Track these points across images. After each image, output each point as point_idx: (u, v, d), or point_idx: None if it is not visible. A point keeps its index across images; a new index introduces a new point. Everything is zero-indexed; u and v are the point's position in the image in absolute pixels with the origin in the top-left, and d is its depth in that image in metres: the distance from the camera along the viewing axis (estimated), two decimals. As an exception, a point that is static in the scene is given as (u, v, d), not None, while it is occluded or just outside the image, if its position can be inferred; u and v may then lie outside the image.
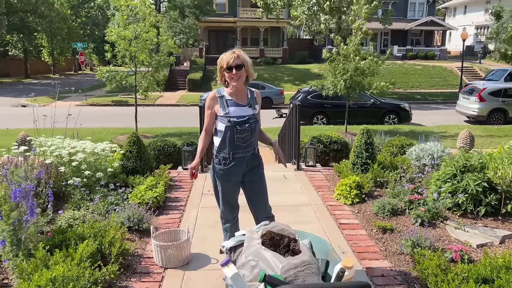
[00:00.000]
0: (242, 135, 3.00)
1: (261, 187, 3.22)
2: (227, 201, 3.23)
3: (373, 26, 27.62)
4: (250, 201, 3.25)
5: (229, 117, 2.98)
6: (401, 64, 30.59)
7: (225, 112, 2.99)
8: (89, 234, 3.28)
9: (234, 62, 2.92)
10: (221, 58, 3.00)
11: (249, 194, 3.23)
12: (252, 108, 3.06)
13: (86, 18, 47.10)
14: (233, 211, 3.29)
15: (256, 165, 3.16)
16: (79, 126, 9.14)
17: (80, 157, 4.57)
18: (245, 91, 3.09)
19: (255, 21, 33.69)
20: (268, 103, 20.06)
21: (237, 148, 3.03)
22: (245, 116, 3.01)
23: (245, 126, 2.99)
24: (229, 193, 3.19)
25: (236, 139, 3.00)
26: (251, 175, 3.15)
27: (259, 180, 3.20)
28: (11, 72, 39.20)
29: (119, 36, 11.11)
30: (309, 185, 5.62)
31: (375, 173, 5.27)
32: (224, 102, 3.01)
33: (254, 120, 3.05)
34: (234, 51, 2.98)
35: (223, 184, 3.14)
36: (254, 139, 3.09)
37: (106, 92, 15.06)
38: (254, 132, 3.05)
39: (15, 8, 32.21)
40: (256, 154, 3.15)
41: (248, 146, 3.06)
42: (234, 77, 2.94)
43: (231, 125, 2.98)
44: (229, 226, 3.34)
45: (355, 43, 11.49)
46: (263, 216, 3.22)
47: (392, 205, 4.38)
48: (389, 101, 15.90)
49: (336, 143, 6.87)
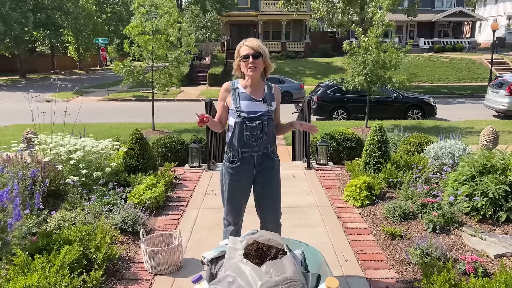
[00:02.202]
0: (253, 132, 2.75)
1: (271, 191, 2.94)
2: (232, 203, 2.95)
3: (398, 18, 26.83)
4: (258, 205, 2.99)
5: (240, 112, 2.75)
6: (427, 56, 29.61)
7: (236, 105, 2.76)
8: (75, 238, 3.13)
9: (251, 50, 2.68)
10: (239, 45, 2.77)
11: (258, 197, 2.96)
12: (267, 104, 2.79)
13: (110, 14, 47.72)
14: (237, 216, 2.99)
15: (269, 167, 2.88)
16: (87, 121, 9.07)
17: (78, 156, 4.45)
18: (262, 85, 2.84)
19: (277, 15, 33.28)
20: (288, 97, 19.77)
21: (247, 146, 2.78)
22: (257, 112, 2.75)
23: (255, 123, 2.74)
24: (235, 195, 2.92)
25: (245, 137, 2.76)
26: (262, 177, 2.89)
27: (271, 183, 2.92)
28: (38, 68, 40.22)
29: (136, 29, 11.06)
30: (318, 184, 5.35)
31: (388, 173, 4.96)
32: (237, 94, 2.78)
33: (268, 117, 2.79)
34: (252, 40, 2.75)
35: (230, 184, 2.89)
36: (267, 138, 2.81)
37: (121, 87, 15.12)
38: (266, 131, 2.78)
39: (41, 5, 32.89)
40: (270, 154, 2.87)
41: (259, 145, 2.80)
42: (251, 66, 2.70)
43: (240, 120, 2.75)
44: (231, 229, 3.02)
45: (376, 35, 11.07)
46: (270, 224, 2.98)
47: (404, 208, 4.07)
48: (413, 95, 15.32)
49: (350, 140, 6.55)
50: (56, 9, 33.99)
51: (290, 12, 27.79)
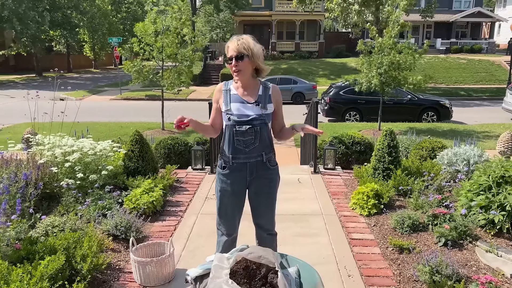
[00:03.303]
0: (244, 137, 2.55)
1: (266, 201, 2.75)
2: (223, 212, 2.75)
3: (414, 18, 26.28)
4: (253, 214, 2.81)
5: (230, 115, 2.55)
6: (444, 58, 28.98)
7: (226, 108, 2.57)
8: (61, 246, 2.97)
9: (233, 52, 2.47)
10: (226, 46, 2.55)
11: (253, 206, 2.78)
12: (261, 107, 2.56)
13: (126, 14, 48.01)
14: (230, 227, 2.78)
15: (264, 176, 2.67)
16: (98, 120, 8.90)
17: (74, 158, 4.30)
18: (256, 86, 2.61)
19: (291, 14, 32.99)
20: (300, 98, 19.52)
21: (237, 152, 2.58)
22: (248, 116, 2.54)
23: (245, 128, 2.53)
24: (226, 204, 2.71)
25: (236, 142, 2.56)
26: (256, 186, 2.69)
27: (266, 193, 2.72)
28: (54, 66, 40.51)
29: (145, 29, 10.99)
30: (325, 191, 5.11)
31: (398, 180, 4.69)
32: (228, 96, 2.59)
33: (261, 122, 2.56)
34: (239, 38, 2.52)
35: (221, 191, 2.70)
36: (261, 145, 2.59)
37: (130, 86, 15.11)
38: (259, 136, 2.56)
39: (58, 5, 33.23)
40: (265, 163, 2.64)
41: (251, 152, 2.59)
42: (235, 69, 2.50)
43: (230, 124, 2.56)
44: (224, 240, 2.81)
45: (391, 35, 10.76)
46: (265, 233, 2.83)
47: (413, 219, 3.82)
48: (428, 97, 14.91)
49: (360, 144, 6.28)
50: (72, 9, 34.33)
51: (305, 12, 27.48)
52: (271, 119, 2.65)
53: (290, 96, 19.48)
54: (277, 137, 2.77)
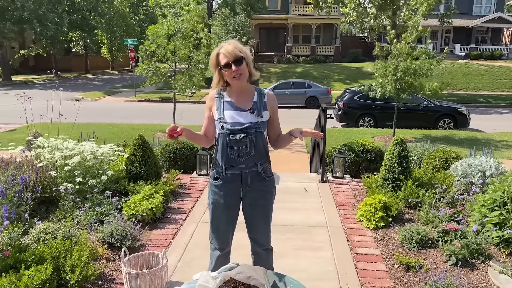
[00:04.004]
0: (238, 147, 2.41)
1: (261, 214, 2.60)
2: (215, 226, 2.63)
3: (433, 23, 25.82)
4: (248, 228, 2.67)
5: (223, 123, 2.42)
6: (463, 63, 28.37)
7: (219, 116, 2.43)
8: (50, 255, 2.87)
9: (231, 57, 2.33)
10: (215, 53, 2.40)
11: (247, 219, 2.64)
12: (256, 115, 2.43)
13: (144, 16, 48.49)
14: (223, 242, 2.66)
15: (259, 187, 2.52)
16: (111, 121, 8.86)
17: (74, 162, 4.22)
18: (251, 92, 2.49)
19: (307, 18, 32.80)
20: (314, 102, 19.30)
21: (231, 163, 2.45)
22: (243, 124, 2.40)
23: (239, 137, 2.39)
24: (219, 216, 2.59)
25: (229, 151, 2.42)
26: (251, 198, 2.55)
27: (261, 205, 2.57)
28: (73, 67, 41.40)
29: (156, 31, 10.98)
30: (331, 200, 4.93)
31: (408, 192, 4.48)
32: (221, 103, 2.45)
33: (256, 130, 2.42)
34: (230, 43, 2.39)
35: (213, 203, 2.57)
36: (256, 154, 2.45)
37: (143, 87, 15.17)
38: (254, 146, 2.43)
39: (77, 7, 33.74)
40: (260, 173, 2.50)
41: (246, 162, 2.45)
42: (236, 74, 2.35)
43: (224, 132, 2.42)
44: (217, 255, 2.70)
45: (409, 40, 10.51)
46: (259, 248, 2.68)
47: (422, 235, 3.61)
48: (445, 103, 14.54)
49: (370, 152, 6.07)
50: (90, 11, 34.80)
51: (321, 16, 27.25)
52: (267, 127, 2.51)
53: (303, 100, 19.30)
54: (274, 145, 2.63)
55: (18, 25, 28.21)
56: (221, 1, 32.72)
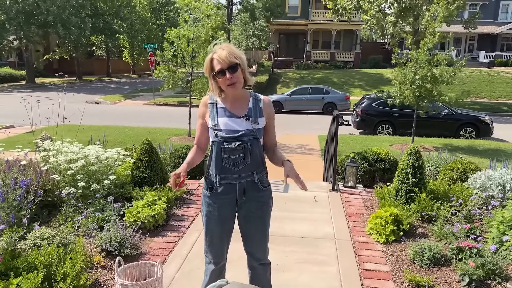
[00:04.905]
0: (233, 155, 2.28)
1: (258, 227, 2.45)
2: (210, 239, 2.47)
3: (457, 29, 25.24)
4: (244, 241, 2.52)
5: (217, 130, 2.29)
6: (487, 71, 27.63)
7: (213, 123, 2.30)
8: (43, 262, 2.79)
9: (225, 63, 2.19)
10: (209, 57, 2.26)
11: (243, 232, 2.49)
12: (252, 122, 2.30)
13: (165, 21, 49.07)
14: (217, 255, 2.50)
15: (255, 198, 2.39)
16: (127, 124, 8.82)
17: (78, 166, 4.17)
18: (246, 98, 2.36)
19: (327, 24, 32.58)
20: (333, 108, 19.02)
21: (226, 172, 2.31)
22: (238, 132, 2.27)
23: (235, 145, 2.25)
24: (213, 229, 2.43)
25: (224, 160, 2.29)
26: (247, 210, 2.40)
27: (258, 217, 2.43)
28: (95, 70, 42.23)
29: (177, 36, 11.03)
30: (341, 211, 4.74)
31: (422, 204, 4.27)
32: (215, 110, 2.32)
33: (252, 137, 2.29)
34: (224, 48, 2.24)
35: (207, 216, 2.42)
36: (252, 163, 2.32)
37: (161, 91, 15.26)
38: (250, 154, 2.29)
39: (100, 11, 34.36)
40: (256, 183, 2.37)
41: (241, 171, 2.31)
42: (230, 82, 2.22)
43: (218, 141, 2.29)
44: (212, 269, 2.54)
45: (428, 47, 10.23)
46: (256, 263, 2.53)
47: (434, 251, 3.40)
48: (467, 112, 14.10)
49: (384, 161, 5.85)
50: (113, 15, 35.38)
51: (341, 21, 27.02)
52: (263, 134, 2.37)
53: (321, 106, 19.07)
54: (269, 157, 2.47)
55: (42, 28, 28.90)
56: (241, 7, 32.80)
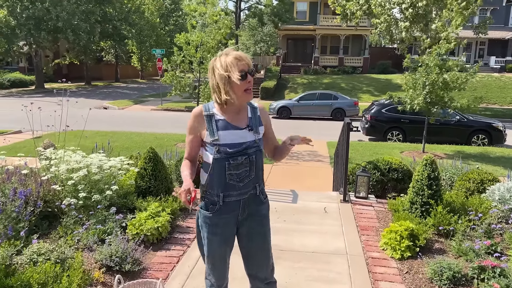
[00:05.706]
0: (238, 171, 2.11)
1: (260, 245, 2.29)
2: (213, 262, 2.28)
3: (467, 34, 24.91)
4: (246, 262, 2.35)
5: (219, 146, 2.09)
6: (498, 77, 27.24)
7: (213, 138, 2.10)
8: (37, 281, 2.63)
9: (247, 66, 2.04)
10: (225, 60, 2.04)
11: (245, 252, 2.32)
12: (254, 132, 2.15)
13: (174, 26, 49.24)
14: (220, 277, 2.32)
15: (256, 212, 2.23)
16: (134, 130, 8.64)
17: (79, 175, 4.02)
18: (245, 107, 2.19)
19: (335, 29, 32.39)
20: (341, 114, 18.82)
21: (230, 189, 2.13)
22: (242, 144, 2.11)
23: (241, 159, 2.10)
24: (215, 251, 2.24)
25: (228, 177, 2.11)
26: (248, 226, 2.24)
27: (259, 233, 2.27)
28: (103, 76, 42.45)
29: (186, 41, 10.99)
30: (353, 224, 4.54)
31: (439, 218, 4.05)
32: (213, 123, 2.12)
33: (256, 149, 2.15)
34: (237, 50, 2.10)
35: (209, 238, 2.22)
36: (256, 176, 2.17)
37: (169, 97, 15.22)
38: (255, 166, 2.14)
39: (109, 17, 34.54)
40: (258, 195, 2.22)
41: (245, 186, 2.15)
42: (249, 86, 2.07)
43: (220, 157, 2.09)
44: None
45: (440, 52, 10.02)
46: (261, 284, 2.34)
47: (454, 271, 3.19)
48: (479, 118, 13.80)
49: (397, 171, 5.64)
50: (122, 21, 35.54)
51: (349, 27, 26.81)
52: (263, 143, 2.24)
53: (330, 112, 18.88)
54: (274, 158, 2.35)
55: (52, 34, 29.07)
56: (249, 12, 32.76)
